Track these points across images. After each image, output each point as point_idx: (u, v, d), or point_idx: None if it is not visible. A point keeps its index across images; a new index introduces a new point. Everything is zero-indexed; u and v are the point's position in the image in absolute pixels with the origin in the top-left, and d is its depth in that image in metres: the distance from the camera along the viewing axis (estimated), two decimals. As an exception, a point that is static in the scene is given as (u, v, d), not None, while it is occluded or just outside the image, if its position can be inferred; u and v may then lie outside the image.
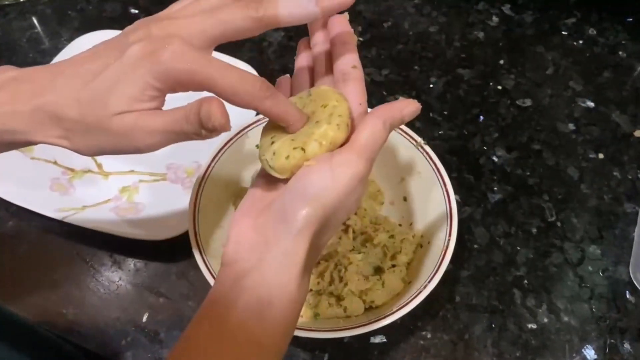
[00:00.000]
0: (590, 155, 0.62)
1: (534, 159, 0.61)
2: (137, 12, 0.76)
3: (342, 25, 0.36)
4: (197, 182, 0.49)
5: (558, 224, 0.56)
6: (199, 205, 0.48)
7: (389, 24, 0.75)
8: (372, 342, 0.49)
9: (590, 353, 0.48)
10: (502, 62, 0.71)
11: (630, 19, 0.76)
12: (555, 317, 0.50)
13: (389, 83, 0.68)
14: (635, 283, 0.52)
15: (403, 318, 0.42)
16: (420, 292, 0.43)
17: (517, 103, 0.66)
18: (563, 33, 0.74)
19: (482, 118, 0.65)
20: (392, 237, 0.50)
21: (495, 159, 0.61)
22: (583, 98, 0.67)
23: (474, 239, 0.55)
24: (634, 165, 0.61)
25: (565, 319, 0.50)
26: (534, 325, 0.50)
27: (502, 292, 0.52)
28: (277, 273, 0.30)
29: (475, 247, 0.54)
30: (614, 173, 0.60)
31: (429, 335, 0.49)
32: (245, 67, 0.63)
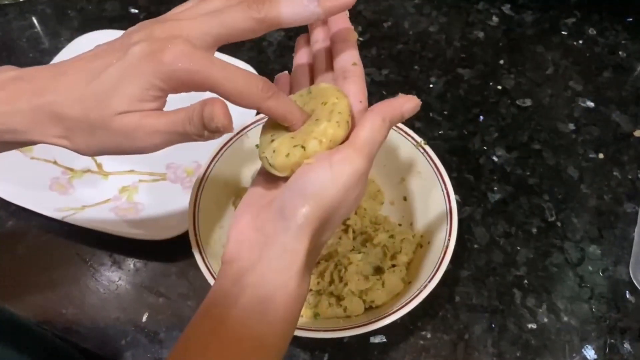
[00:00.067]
0: (590, 155, 0.62)
1: (534, 159, 0.61)
2: (137, 11, 0.76)
3: (342, 22, 0.36)
4: (197, 182, 0.49)
5: (558, 224, 0.56)
6: (199, 205, 0.48)
7: (389, 24, 0.75)
8: (372, 342, 0.48)
9: (590, 353, 0.48)
10: (502, 62, 0.71)
11: (630, 19, 0.76)
12: (556, 317, 0.50)
13: (389, 83, 0.68)
14: (635, 283, 0.52)
15: (403, 318, 0.42)
16: (420, 292, 0.43)
17: (517, 103, 0.66)
18: (563, 33, 0.74)
19: (482, 118, 0.65)
20: (392, 237, 0.50)
21: (496, 159, 0.61)
22: (583, 98, 0.67)
23: (474, 239, 0.55)
24: (634, 165, 0.61)
25: (565, 319, 0.50)
26: (534, 325, 0.50)
27: (502, 292, 0.52)
28: (277, 271, 0.30)
29: (475, 247, 0.54)
30: (614, 173, 0.60)
31: (429, 335, 0.49)
32: (245, 66, 0.63)
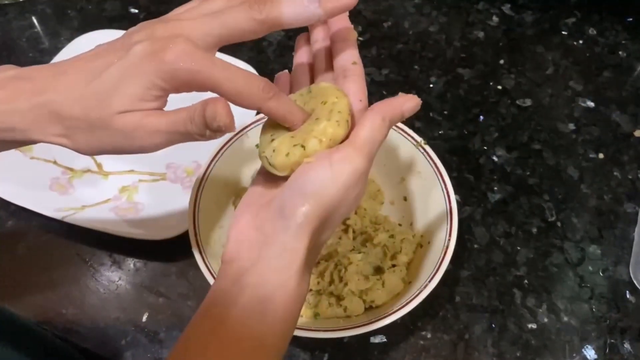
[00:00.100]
0: (591, 155, 0.62)
1: (534, 159, 0.61)
2: (137, 11, 0.75)
3: (342, 21, 0.36)
4: (196, 181, 0.49)
5: (558, 224, 0.56)
6: (199, 205, 0.48)
7: (389, 24, 0.75)
8: (372, 342, 0.48)
9: (591, 353, 0.48)
10: (502, 61, 0.71)
11: (631, 19, 0.76)
12: (556, 317, 0.50)
13: (389, 83, 0.68)
14: (636, 283, 0.52)
15: (403, 318, 0.42)
16: (421, 292, 0.43)
17: (517, 103, 0.66)
18: (563, 33, 0.74)
19: (482, 118, 0.65)
20: (392, 237, 0.50)
21: (496, 159, 0.61)
22: (583, 98, 0.67)
23: (474, 239, 0.55)
24: (634, 165, 0.61)
25: (566, 319, 0.50)
26: (534, 325, 0.50)
27: (502, 292, 0.52)
28: (276, 270, 0.30)
29: (475, 247, 0.54)
30: (614, 173, 0.60)
31: (429, 335, 0.49)
32: (245, 66, 0.63)
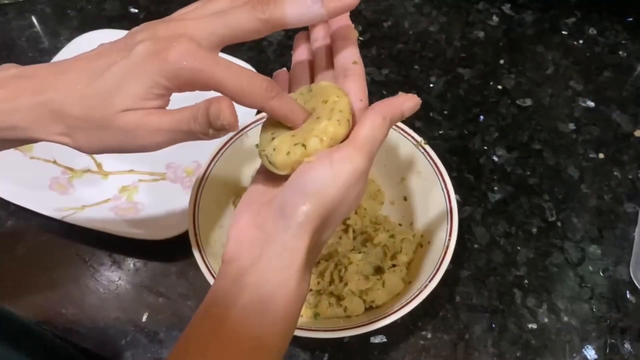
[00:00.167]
0: (591, 155, 0.62)
1: (534, 159, 0.61)
2: (136, 11, 0.75)
3: (342, 20, 0.36)
4: (196, 181, 0.49)
5: (558, 224, 0.56)
6: (199, 205, 0.48)
7: (389, 24, 0.75)
8: (372, 342, 0.48)
9: (591, 353, 0.48)
10: (502, 61, 0.71)
11: (631, 19, 0.76)
12: (556, 317, 0.50)
13: (389, 82, 0.68)
14: (636, 283, 0.52)
15: (403, 318, 0.42)
16: (421, 292, 0.43)
17: (517, 103, 0.66)
18: (563, 33, 0.74)
19: (482, 118, 0.65)
20: (392, 236, 0.50)
21: (496, 159, 0.61)
22: (583, 98, 0.67)
23: (474, 239, 0.55)
24: (634, 165, 0.61)
25: (566, 319, 0.50)
26: (535, 325, 0.50)
27: (502, 292, 0.52)
28: (277, 270, 0.30)
29: (476, 247, 0.54)
30: (615, 173, 0.60)
31: (429, 335, 0.49)
32: (245, 66, 0.63)
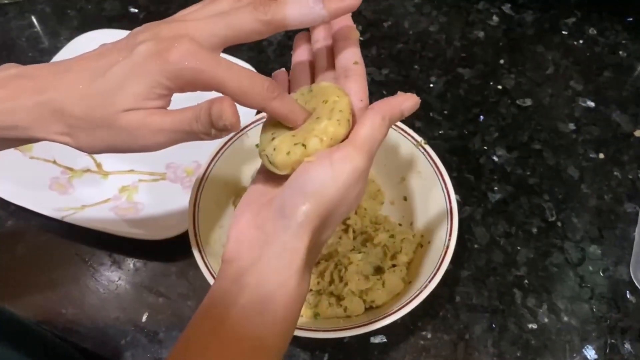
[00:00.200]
0: (591, 155, 0.62)
1: (534, 159, 0.61)
2: (136, 11, 0.75)
3: (344, 20, 0.36)
4: (196, 181, 0.49)
5: (558, 224, 0.56)
6: (199, 205, 0.47)
7: (389, 23, 0.75)
8: (372, 342, 0.48)
9: (591, 353, 0.48)
10: (502, 61, 0.71)
11: (631, 19, 0.76)
12: (556, 317, 0.50)
13: (389, 82, 0.68)
14: (636, 283, 0.52)
15: (403, 318, 0.42)
16: (421, 292, 0.43)
17: (517, 103, 0.66)
18: (563, 33, 0.74)
19: (482, 118, 0.65)
20: (392, 236, 0.50)
21: (496, 159, 0.61)
22: (583, 98, 0.67)
23: (474, 239, 0.55)
24: (635, 165, 0.61)
25: (566, 319, 0.50)
26: (535, 326, 0.50)
27: (502, 292, 0.51)
28: (277, 270, 0.30)
29: (476, 247, 0.54)
30: (615, 173, 0.60)
31: (429, 335, 0.49)
32: (245, 66, 0.63)
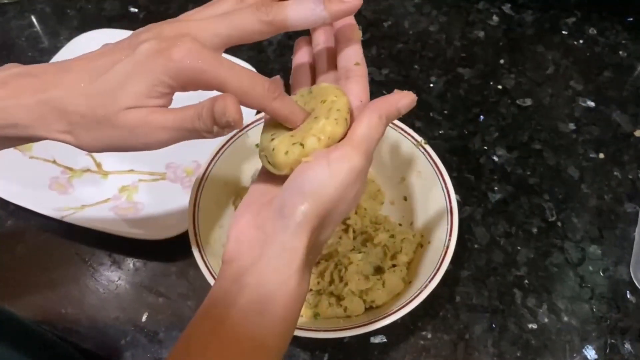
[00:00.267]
0: (591, 155, 0.62)
1: (535, 159, 0.61)
2: (136, 10, 0.75)
3: (346, 18, 0.36)
4: (196, 181, 0.49)
5: (558, 224, 0.56)
6: (199, 205, 0.47)
7: (389, 23, 0.75)
8: (372, 342, 0.48)
9: (591, 353, 0.48)
10: (502, 61, 0.71)
11: (631, 19, 0.75)
12: (556, 317, 0.50)
13: (389, 82, 0.68)
14: (636, 283, 0.52)
15: (403, 318, 0.42)
16: (421, 292, 0.42)
17: (517, 102, 0.66)
18: (563, 32, 0.74)
19: (482, 117, 0.65)
20: (392, 236, 0.50)
21: (496, 159, 0.61)
22: (583, 98, 0.67)
23: (475, 239, 0.55)
24: (635, 165, 0.61)
25: (566, 319, 0.50)
26: (535, 326, 0.49)
27: (502, 292, 0.51)
28: (276, 270, 0.30)
29: (476, 247, 0.54)
30: (615, 173, 0.60)
31: (429, 335, 0.49)
32: (246, 66, 0.63)
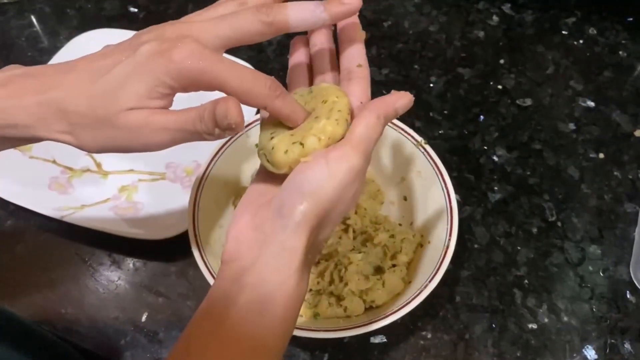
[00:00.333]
0: (591, 155, 0.62)
1: (535, 159, 0.61)
2: (136, 10, 0.75)
3: (350, 18, 0.36)
4: (196, 181, 0.49)
5: (558, 224, 0.56)
6: (199, 205, 0.47)
7: (389, 23, 0.75)
8: (372, 342, 0.48)
9: (591, 353, 0.48)
10: (502, 61, 0.71)
11: (631, 19, 0.75)
12: (556, 317, 0.50)
13: (389, 82, 0.68)
14: (636, 283, 0.52)
15: (403, 318, 0.42)
16: (421, 292, 0.42)
17: (517, 102, 0.66)
18: (563, 32, 0.74)
19: (482, 117, 0.65)
20: (392, 236, 0.50)
21: (496, 159, 0.61)
22: (583, 98, 0.67)
23: (474, 239, 0.55)
24: (635, 165, 0.61)
25: (566, 319, 0.50)
26: (535, 326, 0.49)
27: (502, 292, 0.51)
28: (275, 269, 0.30)
29: (476, 246, 0.54)
30: (615, 173, 0.60)
31: (429, 335, 0.49)
32: (245, 65, 0.63)
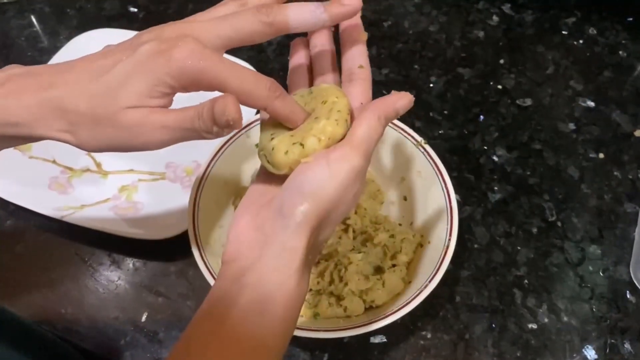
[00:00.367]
0: (591, 155, 0.62)
1: (535, 159, 0.61)
2: (136, 10, 0.75)
3: (352, 18, 0.36)
4: (196, 181, 0.49)
5: (558, 224, 0.56)
6: (199, 204, 0.47)
7: (389, 23, 0.75)
8: (372, 342, 0.48)
9: (591, 353, 0.48)
10: (502, 61, 0.71)
11: (631, 19, 0.75)
12: (556, 317, 0.50)
13: (389, 82, 0.68)
14: (636, 283, 0.52)
15: (403, 318, 0.42)
16: (421, 292, 0.42)
17: (517, 102, 0.66)
18: (563, 32, 0.74)
19: (482, 117, 0.65)
20: (392, 236, 0.50)
21: (496, 159, 0.61)
22: (583, 98, 0.67)
23: (474, 239, 0.55)
24: (635, 165, 0.61)
25: (566, 319, 0.50)
26: (535, 326, 0.49)
27: (502, 292, 0.51)
28: (276, 270, 0.30)
29: (476, 246, 0.54)
30: (615, 173, 0.60)
31: (429, 335, 0.49)
32: (245, 66, 0.63)
